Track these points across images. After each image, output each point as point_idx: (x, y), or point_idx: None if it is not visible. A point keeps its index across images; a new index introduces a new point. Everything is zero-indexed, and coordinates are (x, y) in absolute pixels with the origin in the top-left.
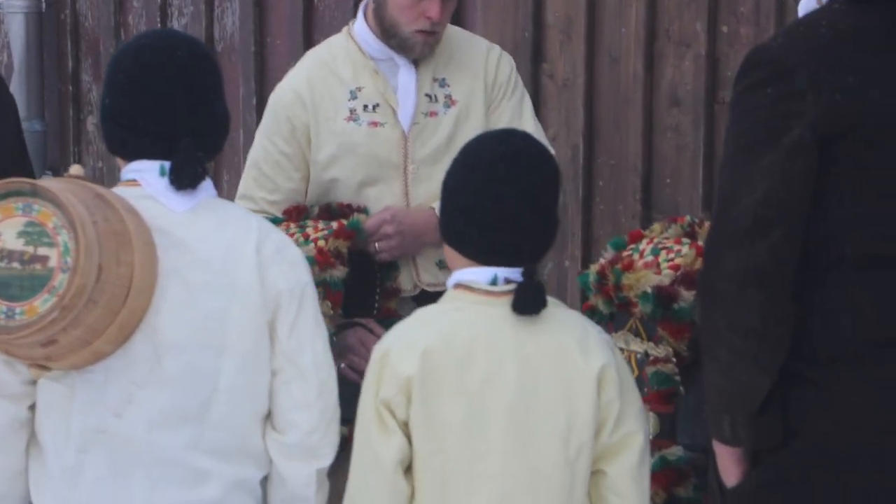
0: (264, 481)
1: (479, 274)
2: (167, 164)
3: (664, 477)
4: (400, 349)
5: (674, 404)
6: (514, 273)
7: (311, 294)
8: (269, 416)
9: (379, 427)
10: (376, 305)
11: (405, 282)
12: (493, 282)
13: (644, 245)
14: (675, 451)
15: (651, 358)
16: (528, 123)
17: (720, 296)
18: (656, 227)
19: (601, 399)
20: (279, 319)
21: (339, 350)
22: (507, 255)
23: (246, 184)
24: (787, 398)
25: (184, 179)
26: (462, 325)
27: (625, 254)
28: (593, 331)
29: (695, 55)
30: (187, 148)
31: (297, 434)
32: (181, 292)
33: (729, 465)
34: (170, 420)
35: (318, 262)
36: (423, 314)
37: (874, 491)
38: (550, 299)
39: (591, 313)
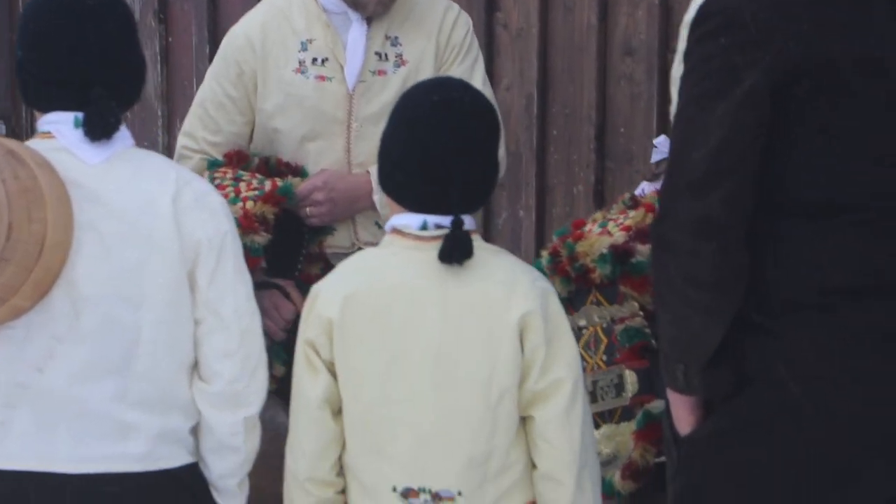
0: (195, 430)
1: (410, 219)
2: (81, 116)
3: (651, 432)
4: (327, 292)
5: (648, 359)
6: (446, 220)
7: (232, 243)
8: (196, 366)
9: (306, 366)
10: (299, 268)
11: (343, 239)
12: (423, 227)
13: (590, 226)
14: (657, 405)
15: (618, 319)
16: (477, 85)
17: (673, 247)
18: (598, 214)
19: (525, 346)
20: (199, 269)
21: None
22: (435, 203)
23: (190, 122)
24: (741, 347)
25: (96, 130)
26: (389, 271)
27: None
28: (524, 278)
29: (648, 4)
30: (100, 98)
31: (221, 383)
32: (96, 245)
33: (683, 415)
34: (92, 373)
35: (242, 225)
36: (357, 258)
37: (827, 438)
38: (489, 247)
39: None
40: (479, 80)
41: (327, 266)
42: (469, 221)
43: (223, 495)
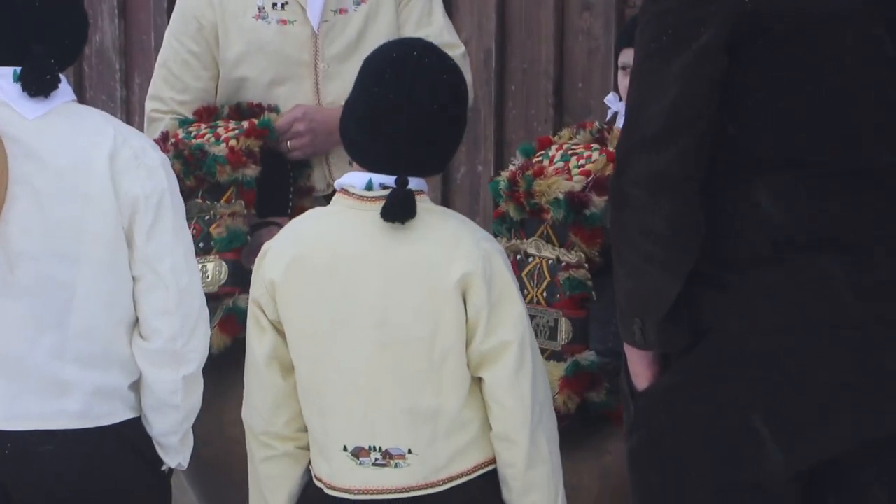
0: (138, 385)
1: (356, 178)
2: (20, 70)
3: (577, 382)
4: (274, 252)
5: (586, 310)
6: (391, 180)
7: (171, 201)
8: (136, 324)
9: (254, 324)
10: (290, 204)
11: (318, 181)
12: (368, 187)
13: (553, 151)
14: (587, 357)
15: (563, 264)
16: (438, 20)
17: (630, 201)
18: (565, 133)
19: (468, 307)
20: (136, 226)
21: (254, 249)
22: (383, 162)
23: (156, 85)
24: (698, 301)
25: (33, 87)
26: (334, 231)
27: (535, 160)
28: (468, 239)
29: None
30: (38, 55)
31: (161, 341)
32: (31, 201)
33: (639, 369)
34: (28, 330)
35: (230, 161)
36: (304, 218)
37: (783, 390)
38: (437, 208)
39: (503, 220)
40: (438, 13)
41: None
42: (417, 182)
43: (166, 451)
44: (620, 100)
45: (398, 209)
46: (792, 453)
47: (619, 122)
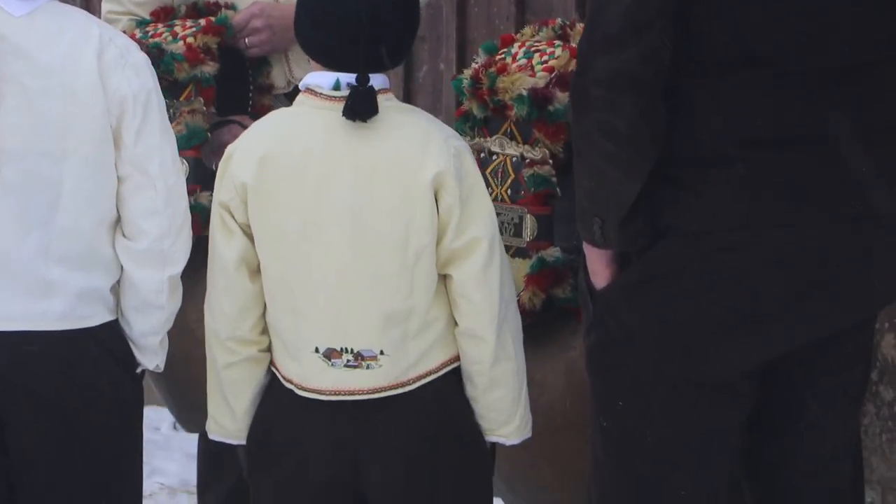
0: (116, 288)
1: (322, 78)
2: None
3: (542, 278)
4: (240, 154)
5: (551, 206)
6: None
7: (157, 100)
8: (119, 224)
9: (221, 228)
10: (250, 102)
11: (278, 78)
12: (336, 87)
13: (516, 48)
14: (552, 253)
15: (527, 161)
16: None
17: (591, 101)
18: (527, 30)
19: (440, 205)
20: (124, 125)
21: (215, 148)
22: (347, 59)
23: None
24: (658, 200)
25: None
26: (302, 131)
27: (497, 57)
28: (437, 136)
29: None
30: None
31: (147, 240)
32: (19, 99)
33: (599, 268)
34: (14, 228)
35: (188, 58)
36: (269, 118)
37: (743, 286)
38: (403, 106)
39: (466, 118)
40: None
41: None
42: (381, 80)
43: (144, 353)
44: None
45: (360, 107)
46: (746, 350)
47: None
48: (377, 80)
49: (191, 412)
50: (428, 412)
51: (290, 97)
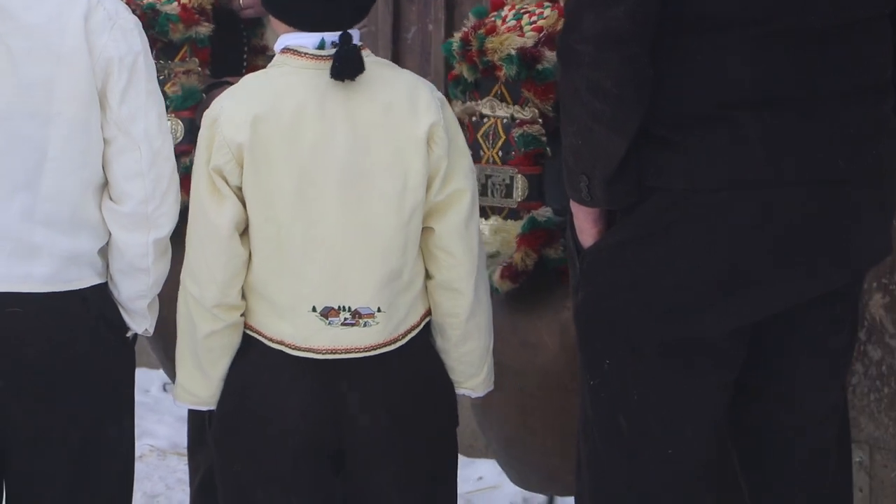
0: (105, 251)
1: (306, 38)
2: None
3: (534, 238)
4: (229, 116)
5: (542, 166)
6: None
7: (145, 63)
8: (106, 187)
9: (212, 194)
10: (245, 63)
11: (272, 40)
12: (321, 46)
13: (506, 11)
14: (543, 213)
15: (517, 121)
16: None
17: (578, 58)
18: None
19: (430, 157)
20: (109, 87)
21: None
22: (328, 18)
23: None
24: (643, 158)
25: None
26: (291, 91)
27: (487, 20)
28: (424, 89)
29: None
30: None
31: (132, 203)
32: (4, 60)
33: (586, 226)
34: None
35: (183, 19)
36: (252, 80)
37: (728, 244)
38: (381, 61)
39: (457, 82)
40: None
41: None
42: (356, 35)
43: (133, 317)
44: None
45: (348, 66)
46: (731, 310)
47: None
48: (354, 36)
49: None
50: (414, 366)
51: None
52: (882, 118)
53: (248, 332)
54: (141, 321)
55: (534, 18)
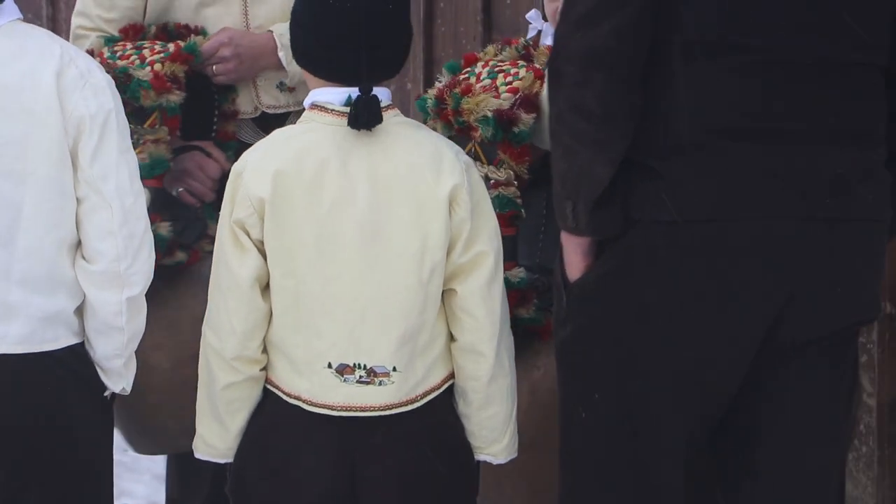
0: (82, 310)
1: (333, 94)
2: None
3: (507, 299)
4: (253, 170)
5: (516, 227)
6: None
7: (116, 121)
8: (79, 246)
9: (235, 246)
10: (214, 128)
11: (246, 104)
12: (347, 102)
13: (479, 68)
14: (517, 273)
15: (492, 182)
16: None
17: (564, 78)
18: (490, 49)
19: (452, 219)
20: (81, 146)
21: (176, 174)
22: (355, 72)
23: (83, 1)
24: (630, 189)
25: None
26: (315, 147)
27: (462, 77)
28: (448, 151)
29: None
30: None
31: (104, 262)
32: None
33: (574, 258)
34: None
35: (154, 86)
36: (278, 135)
37: (714, 272)
38: (409, 121)
39: None
40: None
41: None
42: (383, 94)
43: (109, 375)
44: (544, 19)
45: (365, 116)
46: (717, 344)
47: (544, 41)
48: (381, 94)
49: (142, 436)
50: (431, 428)
51: (257, 122)
52: (872, 165)
53: (267, 385)
54: (118, 380)
55: (509, 79)
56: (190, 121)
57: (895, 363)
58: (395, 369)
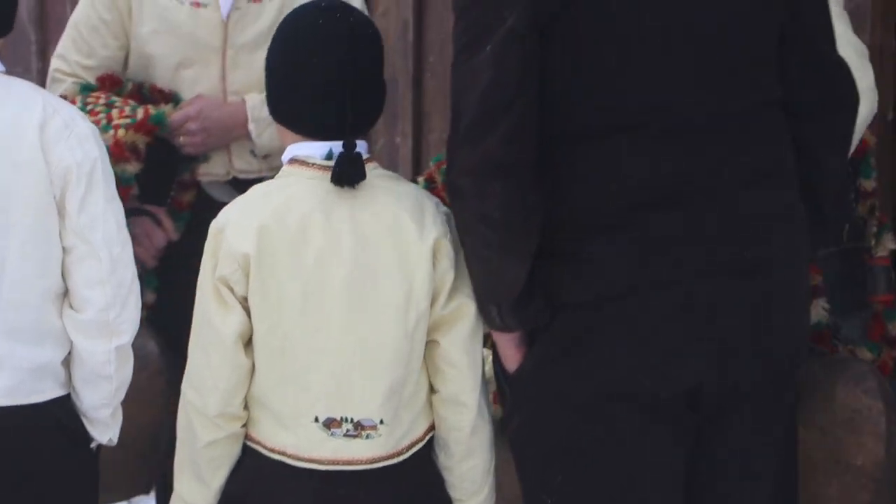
0: (68, 361)
1: (314, 148)
2: None
3: None
4: (235, 226)
5: None
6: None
7: (102, 170)
8: (66, 295)
9: (218, 303)
10: (170, 196)
11: (218, 167)
12: (329, 156)
13: None
14: None
15: None
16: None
17: (463, 191)
18: None
19: (436, 270)
20: (68, 196)
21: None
22: (335, 127)
23: (64, 44)
24: (548, 275)
25: None
26: (297, 201)
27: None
28: (429, 203)
29: None
30: None
31: (93, 311)
32: None
33: (509, 352)
34: None
35: (113, 154)
36: (258, 190)
37: (643, 347)
38: (389, 173)
39: None
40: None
41: (200, 193)
42: (363, 147)
43: (96, 426)
44: None
45: (348, 173)
46: (658, 414)
47: None
48: (361, 148)
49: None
50: (414, 481)
51: (232, 184)
52: (786, 205)
53: (247, 442)
54: (104, 430)
55: None
56: (148, 184)
57: None
58: (382, 422)
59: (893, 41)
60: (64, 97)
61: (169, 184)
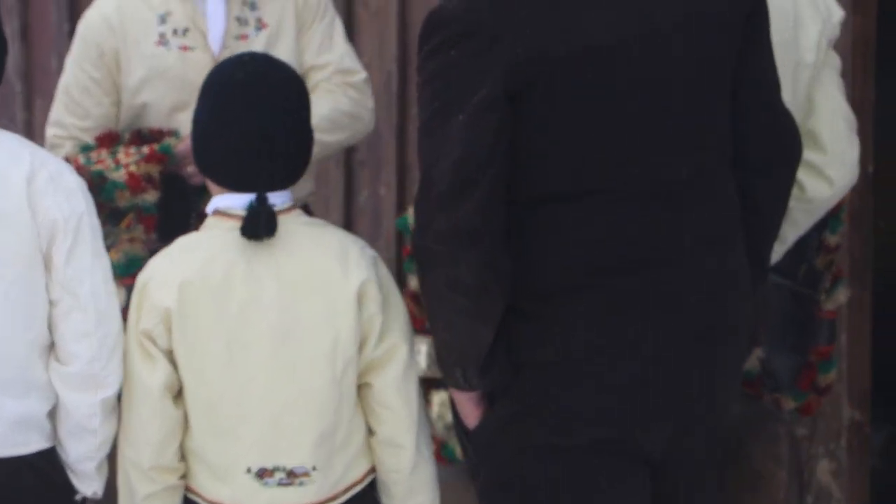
0: (53, 414)
1: (235, 200)
2: None
3: None
4: (158, 280)
5: None
6: (272, 197)
7: (89, 224)
8: (52, 348)
9: (143, 356)
10: (192, 229)
11: None
12: (250, 207)
13: None
14: None
15: None
16: (339, 46)
17: (434, 257)
18: None
19: (363, 315)
20: (55, 249)
21: None
22: (252, 180)
23: (57, 110)
24: (512, 335)
25: None
26: (219, 253)
27: None
28: (354, 247)
29: None
30: None
31: (79, 363)
32: None
33: (468, 410)
34: None
35: (130, 186)
36: (182, 242)
37: (606, 407)
38: (313, 220)
39: (412, 256)
40: (339, 37)
41: None
42: (285, 197)
43: (81, 479)
44: None
45: (257, 225)
46: (625, 470)
47: None
48: (279, 199)
49: None
50: None
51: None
52: (735, 271)
53: (188, 494)
54: (90, 483)
55: None
56: (166, 222)
57: (863, 470)
58: (314, 468)
59: (872, 94)
60: (65, 160)
61: (188, 217)
